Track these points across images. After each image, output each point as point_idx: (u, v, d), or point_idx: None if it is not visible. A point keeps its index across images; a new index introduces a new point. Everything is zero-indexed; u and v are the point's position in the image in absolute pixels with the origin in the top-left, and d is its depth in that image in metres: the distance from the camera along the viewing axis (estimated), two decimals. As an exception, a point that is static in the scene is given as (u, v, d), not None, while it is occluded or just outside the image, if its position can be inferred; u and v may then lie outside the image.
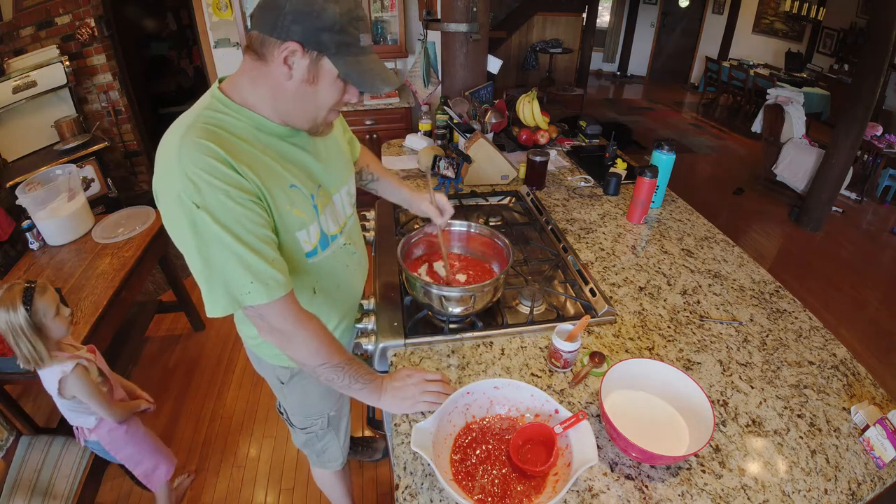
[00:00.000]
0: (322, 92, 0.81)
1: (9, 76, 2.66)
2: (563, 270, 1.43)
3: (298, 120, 0.86)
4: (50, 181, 2.14)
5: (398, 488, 0.84)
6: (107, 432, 1.49)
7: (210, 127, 0.78)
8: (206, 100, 0.84)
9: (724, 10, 7.91)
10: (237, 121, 0.82)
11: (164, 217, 0.77)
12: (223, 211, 0.75)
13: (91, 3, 3.05)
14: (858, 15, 5.99)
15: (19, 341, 1.25)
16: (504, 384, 0.94)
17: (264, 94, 0.82)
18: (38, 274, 1.90)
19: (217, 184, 0.74)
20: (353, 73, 0.79)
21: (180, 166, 0.73)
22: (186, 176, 0.72)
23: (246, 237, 0.77)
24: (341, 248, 1.04)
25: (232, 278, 0.77)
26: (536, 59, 7.01)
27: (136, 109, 3.54)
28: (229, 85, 0.84)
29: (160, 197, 0.77)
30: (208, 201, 0.73)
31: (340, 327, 1.14)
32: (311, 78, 0.79)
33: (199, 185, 0.73)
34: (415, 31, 3.66)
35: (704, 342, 1.17)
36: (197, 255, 0.76)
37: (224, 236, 0.75)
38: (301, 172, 0.91)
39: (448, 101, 2.20)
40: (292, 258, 0.92)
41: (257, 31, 0.77)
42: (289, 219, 0.87)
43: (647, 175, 1.59)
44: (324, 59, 0.77)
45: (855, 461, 0.91)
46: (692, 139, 6.14)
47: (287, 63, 0.76)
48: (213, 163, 0.74)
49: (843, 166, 3.71)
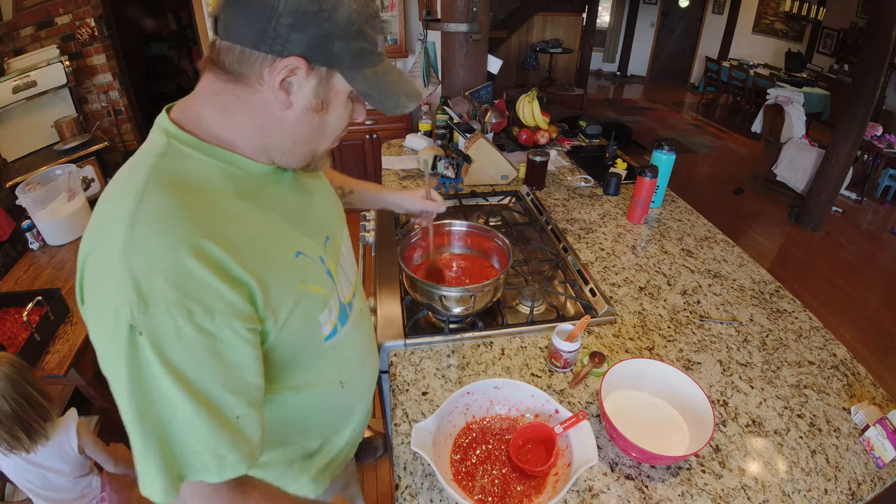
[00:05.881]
0: (331, 119, 0.60)
1: (9, 76, 2.66)
2: (563, 270, 1.43)
3: (293, 157, 0.63)
4: (50, 181, 2.14)
5: (398, 488, 0.84)
6: (109, 486, 1.45)
7: (174, 188, 0.52)
8: (158, 141, 0.56)
9: (724, 10, 7.91)
10: (209, 168, 0.57)
11: (91, 330, 0.51)
12: (180, 346, 0.49)
13: (91, 3, 3.05)
14: (858, 15, 5.99)
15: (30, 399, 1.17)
16: (504, 384, 0.93)
17: (245, 126, 0.58)
18: (38, 274, 1.90)
19: (180, 300, 0.49)
20: (374, 90, 0.59)
21: (125, 261, 0.47)
22: (132, 279, 0.47)
23: (208, 388, 0.52)
24: (359, 316, 0.81)
25: (178, 443, 0.51)
26: (536, 59, 7.00)
27: (136, 109, 3.54)
28: (186, 115, 0.59)
29: (87, 298, 0.52)
30: (158, 327, 0.48)
31: (361, 412, 0.89)
32: (320, 104, 0.58)
33: (148, 299, 0.47)
34: (415, 31, 3.65)
35: (704, 342, 1.17)
36: (129, 400, 0.49)
37: (172, 388, 0.49)
38: (302, 226, 0.68)
39: (448, 101, 2.20)
40: (306, 352, 0.69)
41: (231, 41, 0.53)
42: (306, 305, 0.64)
43: (647, 175, 1.59)
44: (335, 75, 0.57)
45: (855, 461, 0.90)
46: (692, 139, 6.13)
47: (284, 88, 0.55)
48: (181, 260, 0.49)
49: (843, 166, 3.71)
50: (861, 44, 5.81)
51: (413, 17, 3.61)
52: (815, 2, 6.58)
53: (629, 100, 8.05)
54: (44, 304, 1.61)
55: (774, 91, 5.22)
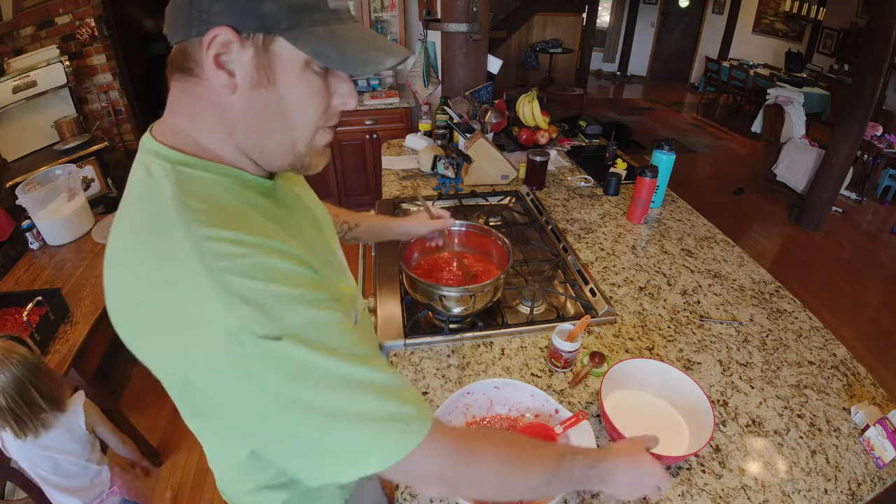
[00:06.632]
0: (289, 94, 0.52)
1: (9, 76, 2.66)
2: (563, 270, 1.43)
3: (272, 152, 0.55)
4: (50, 181, 2.14)
5: (398, 488, 0.84)
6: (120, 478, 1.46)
7: (209, 207, 0.49)
8: (156, 170, 0.51)
9: (724, 10, 7.91)
10: (219, 183, 0.53)
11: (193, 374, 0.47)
12: (315, 328, 0.48)
13: (91, 3, 3.05)
14: (858, 15, 5.99)
15: (41, 385, 1.20)
16: (504, 384, 0.93)
17: (213, 128, 0.53)
18: (38, 274, 1.90)
19: (286, 291, 0.48)
20: (328, 47, 0.50)
21: (220, 287, 0.45)
22: (239, 299, 0.45)
23: (358, 351, 0.51)
24: (361, 316, 0.80)
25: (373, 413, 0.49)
26: (536, 59, 7.00)
27: (136, 109, 3.54)
28: (167, 133, 0.55)
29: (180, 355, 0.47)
30: (290, 323, 0.47)
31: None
32: (265, 76, 0.50)
33: (266, 305, 0.46)
34: (415, 31, 3.65)
35: (704, 342, 1.17)
36: (303, 414, 0.47)
37: (332, 363, 0.48)
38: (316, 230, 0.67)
39: (448, 101, 2.20)
40: None
41: (175, 41, 0.51)
42: (345, 304, 0.63)
43: (647, 175, 1.59)
44: (276, 40, 0.49)
45: (855, 461, 0.90)
46: (692, 139, 6.14)
47: (220, 64, 0.49)
48: (262, 261, 0.48)
49: (843, 166, 3.71)
50: (861, 44, 5.81)
51: (413, 17, 3.61)
52: (815, 2, 6.58)
53: (629, 100, 8.05)
54: (44, 304, 1.61)
55: (774, 91, 5.23)
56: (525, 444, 0.65)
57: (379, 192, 2.13)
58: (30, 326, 1.53)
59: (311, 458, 0.49)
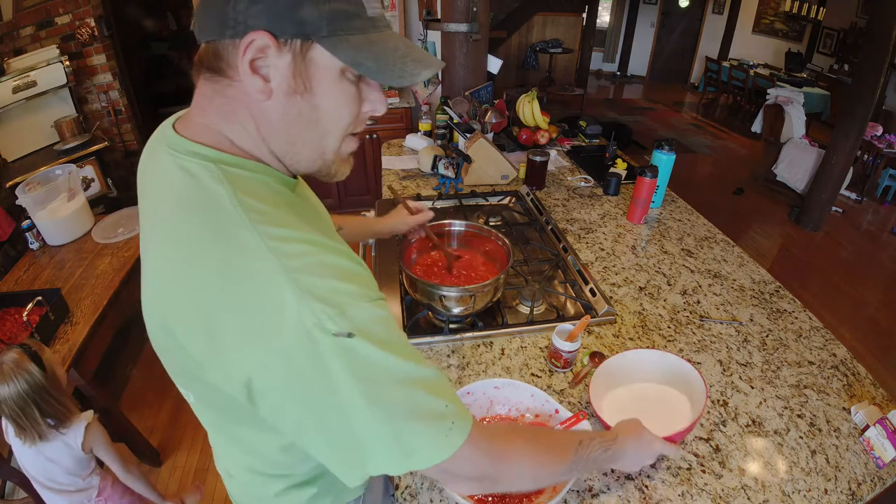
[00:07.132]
0: (324, 102, 0.51)
1: (9, 76, 2.66)
2: (563, 270, 1.43)
3: (303, 159, 0.56)
4: (50, 181, 2.14)
5: (398, 488, 0.84)
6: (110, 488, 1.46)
7: (267, 207, 0.49)
8: (199, 171, 0.50)
9: (724, 10, 7.91)
10: (264, 182, 0.54)
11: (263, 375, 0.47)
12: (379, 325, 0.49)
13: (91, 3, 3.05)
14: (858, 15, 5.99)
15: (43, 405, 1.22)
16: (504, 384, 0.93)
17: (249, 130, 0.53)
18: (38, 274, 1.90)
19: (354, 288, 0.49)
20: (366, 56, 0.49)
21: (296, 286, 0.45)
22: (314, 297, 0.46)
23: (411, 355, 0.52)
24: None
25: (427, 408, 0.50)
26: (536, 59, 7.00)
27: (136, 109, 3.54)
28: (199, 132, 0.53)
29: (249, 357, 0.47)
30: (361, 320, 0.48)
31: None
32: (301, 84, 0.50)
33: (339, 303, 0.47)
34: (415, 31, 3.65)
35: (704, 342, 1.17)
36: (366, 408, 0.47)
37: (394, 360, 0.49)
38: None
39: (448, 101, 2.20)
40: None
41: (206, 39, 0.50)
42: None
43: (647, 175, 1.59)
44: (313, 47, 0.48)
45: (855, 461, 0.91)
46: (692, 139, 6.14)
47: (255, 69, 0.48)
48: (328, 260, 0.49)
49: (843, 166, 3.71)
50: (861, 44, 5.81)
51: (413, 17, 3.61)
52: (815, 2, 6.58)
53: (629, 100, 8.05)
54: (44, 304, 1.61)
55: (774, 91, 5.23)
56: (548, 436, 0.68)
57: (379, 192, 2.13)
58: (30, 326, 1.53)
59: (357, 452, 0.49)
